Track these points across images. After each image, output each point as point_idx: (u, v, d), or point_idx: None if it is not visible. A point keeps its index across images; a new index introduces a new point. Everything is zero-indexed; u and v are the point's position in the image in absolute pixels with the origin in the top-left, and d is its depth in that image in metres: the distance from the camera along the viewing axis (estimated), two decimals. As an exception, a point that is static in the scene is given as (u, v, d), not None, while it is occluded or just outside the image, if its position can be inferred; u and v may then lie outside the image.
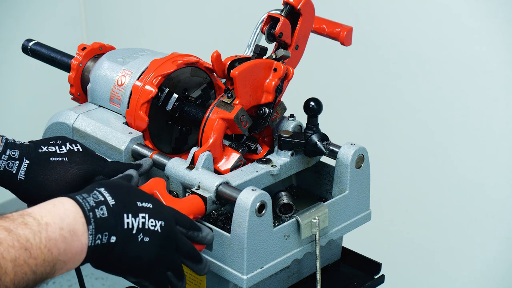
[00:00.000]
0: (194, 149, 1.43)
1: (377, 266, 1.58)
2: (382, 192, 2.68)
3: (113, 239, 1.17)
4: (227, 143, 1.52)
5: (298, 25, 1.54)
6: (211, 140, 1.45)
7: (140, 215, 1.20)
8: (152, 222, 1.21)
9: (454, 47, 2.48)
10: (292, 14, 1.53)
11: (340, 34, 1.64)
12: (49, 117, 1.60)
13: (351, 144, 1.49)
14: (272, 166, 1.48)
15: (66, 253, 1.12)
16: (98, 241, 1.15)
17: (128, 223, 1.18)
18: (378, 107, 2.72)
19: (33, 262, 1.08)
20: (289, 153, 1.50)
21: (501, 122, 2.46)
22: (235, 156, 1.48)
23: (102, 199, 1.18)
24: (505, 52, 2.39)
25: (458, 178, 2.60)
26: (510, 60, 2.39)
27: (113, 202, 1.18)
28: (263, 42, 1.56)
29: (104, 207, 1.17)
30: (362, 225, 1.55)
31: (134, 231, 1.19)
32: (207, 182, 1.38)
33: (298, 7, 1.52)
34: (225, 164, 1.47)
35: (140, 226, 1.20)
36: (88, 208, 1.15)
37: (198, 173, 1.40)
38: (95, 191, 1.19)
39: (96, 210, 1.16)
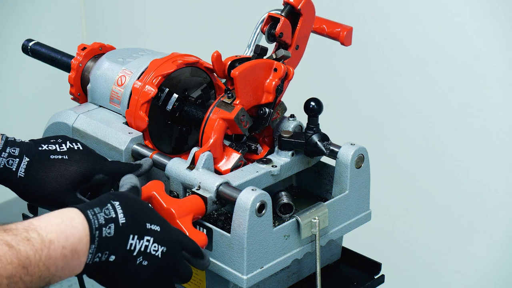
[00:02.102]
0: (194, 149, 1.43)
1: (377, 266, 1.58)
2: (382, 192, 2.68)
3: (112, 258, 1.15)
4: (227, 143, 1.52)
5: (298, 25, 1.54)
6: (211, 140, 1.45)
7: (146, 237, 1.19)
8: (155, 247, 1.19)
9: (454, 47, 2.48)
10: (293, 14, 1.53)
11: (340, 34, 1.64)
12: (49, 117, 1.60)
13: (351, 144, 1.49)
14: (272, 166, 1.48)
15: (63, 270, 1.11)
16: (97, 259, 1.14)
17: (131, 244, 1.17)
18: (378, 107, 2.72)
19: (29, 279, 1.07)
20: (290, 153, 1.50)
21: (501, 122, 2.46)
22: (235, 156, 1.48)
23: (113, 216, 1.16)
24: (505, 52, 2.39)
25: (458, 178, 2.59)
26: (510, 60, 2.39)
27: (123, 221, 1.16)
28: (263, 42, 1.56)
29: (112, 226, 1.15)
30: (362, 225, 1.55)
31: (135, 253, 1.18)
32: (207, 182, 1.38)
33: (299, 7, 1.52)
34: (226, 164, 1.47)
35: (142, 249, 1.18)
36: (96, 226, 1.13)
37: (199, 173, 1.40)
38: (108, 205, 1.17)
39: (104, 228, 1.14)
